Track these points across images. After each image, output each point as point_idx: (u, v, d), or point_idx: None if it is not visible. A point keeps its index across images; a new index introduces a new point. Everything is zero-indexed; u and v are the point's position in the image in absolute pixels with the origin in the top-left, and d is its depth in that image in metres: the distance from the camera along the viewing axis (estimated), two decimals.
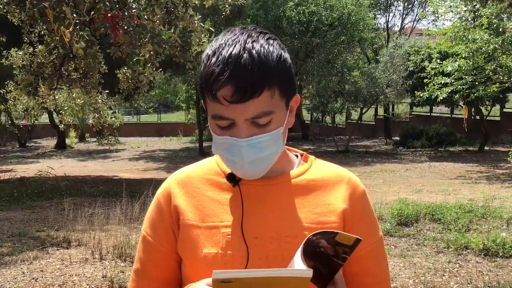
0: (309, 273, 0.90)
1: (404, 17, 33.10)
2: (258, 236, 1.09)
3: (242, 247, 1.08)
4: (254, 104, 1.00)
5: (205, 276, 1.05)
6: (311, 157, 1.23)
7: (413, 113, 26.62)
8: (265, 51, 1.02)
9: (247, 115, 1.02)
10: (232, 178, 1.13)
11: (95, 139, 22.62)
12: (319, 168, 1.19)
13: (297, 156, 1.24)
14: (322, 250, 0.98)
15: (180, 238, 1.15)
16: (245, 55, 1.00)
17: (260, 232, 1.09)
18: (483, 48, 12.78)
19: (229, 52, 1.01)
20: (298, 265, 0.94)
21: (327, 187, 1.16)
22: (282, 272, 0.92)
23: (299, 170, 1.18)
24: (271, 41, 1.06)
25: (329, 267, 1.01)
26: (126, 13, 5.24)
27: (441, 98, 14.45)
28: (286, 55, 1.07)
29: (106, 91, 9.35)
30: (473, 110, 19.21)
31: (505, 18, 13.74)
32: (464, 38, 13.06)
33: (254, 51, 1.01)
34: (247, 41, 1.03)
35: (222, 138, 1.06)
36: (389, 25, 31.71)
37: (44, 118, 26.83)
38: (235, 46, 1.02)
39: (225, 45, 1.03)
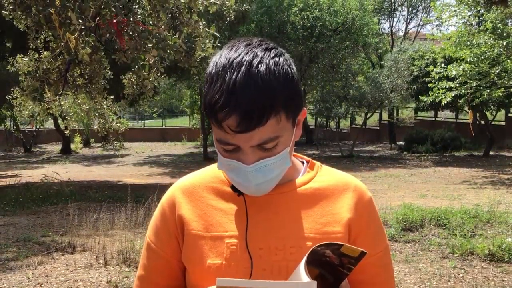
0: (313, 285, 0.89)
1: (409, 22, 33.06)
2: (263, 247, 1.08)
3: (246, 258, 1.08)
4: (260, 132, 0.98)
5: (209, 286, 1.05)
6: (317, 164, 1.21)
7: (417, 118, 26.57)
8: (271, 74, 0.97)
9: (252, 143, 1.00)
10: (236, 188, 1.12)
11: (100, 144, 22.69)
12: (325, 176, 1.18)
13: (303, 162, 1.22)
14: (328, 260, 0.98)
15: (185, 248, 1.14)
16: (250, 82, 0.96)
17: (265, 242, 1.09)
18: (487, 53, 12.76)
19: (233, 79, 0.96)
20: (303, 276, 0.93)
21: (332, 196, 1.15)
22: (285, 284, 0.91)
23: (305, 178, 1.16)
24: (276, 59, 1.00)
25: (335, 276, 1.01)
26: (131, 19, 5.26)
27: (445, 102, 14.44)
28: (293, 70, 1.03)
29: (111, 97, 9.39)
30: (477, 114, 19.16)
31: (509, 23, 13.72)
32: (468, 43, 13.06)
33: (259, 77, 0.96)
34: (253, 64, 0.97)
35: (228, 161, 1.04)
36: (394, 30, 31.73)
37: (49, 124, 26.95)
38: (239, 70, 0.97)
39: (229, 68, 0.98)
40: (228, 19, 7.01)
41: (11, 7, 5.72)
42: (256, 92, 0.96)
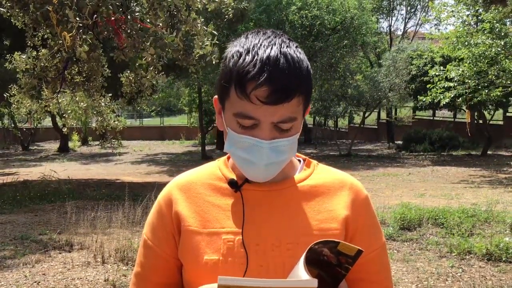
0: (314, 283, 0.89)
1: (407, 21, 33.09)
2: (259, 243, 1.08)
3: (242, 254, 1.08)
4: (284, 108, 1.01)
5: (206, 282, 1.05)
6: (314, 162, 1.22)
7: (416, 117, 26.62)
8: (298, 58, 1.04)
9: (275, 118, 1.02)
10: (234, 184, 1.12)
11: (98, 143, 22.66)
12: (321, 174, 1.19)
13: (299, 161, 1.23)
14: (325, 259, 0.98)
15: (181, 244, 1.14)
16: (282, 59, 1.01)
17: (262, 238, 1.09)
18: (486, 53, 12.77)
19: (267, 54, 1.01)
20: (302, 274, 0.93)
21: (329, 193, 1.15)
22: (287, 283, 0.91)
23: (301, 176, 1.17)
24: (299, 50, 1.08)
25: (333, 276, 1.00)
26: (129, 17, 5.25)
27: (444, 103, 14.45)
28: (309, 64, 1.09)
29: (109, 95, 9.36)
30: (476, 114, 19.19)
31: (508, 22, 13.73)
32: (466, 43, 13.06)
33: (289, 57, 1.02)
34: (283, 45, 1.04)
35: (242, 137, 1.05)
36: (392, 29, 31.74)
37: (47, 121, 26.94)
38: (272, 48, 1.02)
39: (261, 45, 1.03)
40: (226, 17, 6.98)
41: (8, 4, 5.70)
42: (288, 69, 1.01)
